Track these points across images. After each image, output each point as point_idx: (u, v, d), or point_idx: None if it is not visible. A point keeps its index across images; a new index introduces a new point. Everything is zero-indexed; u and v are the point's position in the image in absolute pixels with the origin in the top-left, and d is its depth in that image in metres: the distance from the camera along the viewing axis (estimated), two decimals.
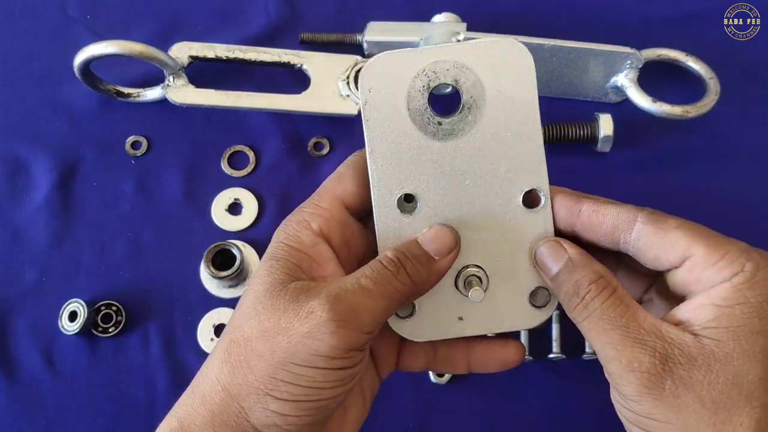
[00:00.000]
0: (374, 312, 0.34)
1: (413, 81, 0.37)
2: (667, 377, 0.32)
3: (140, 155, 0.62)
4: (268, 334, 0.33)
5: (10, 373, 0.55)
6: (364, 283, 0.34)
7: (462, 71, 0.37)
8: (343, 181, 0.38)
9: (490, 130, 0.37)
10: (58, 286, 0.57)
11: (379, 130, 0.37)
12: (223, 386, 0.34)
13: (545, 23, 0.66)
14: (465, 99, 0.37)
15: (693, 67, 0.62)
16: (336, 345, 0.32)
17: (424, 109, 0.37)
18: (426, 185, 0.38)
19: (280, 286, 0.35)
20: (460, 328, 0.39)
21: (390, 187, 0.38)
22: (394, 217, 0.38)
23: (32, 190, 0.61)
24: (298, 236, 0.37)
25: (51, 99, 0.64)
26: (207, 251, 0.55)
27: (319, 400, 0.33)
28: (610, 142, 0.60)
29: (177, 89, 0.62)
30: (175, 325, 0.57)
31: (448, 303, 0.39)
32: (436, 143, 0.37)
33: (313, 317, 0.33)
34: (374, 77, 0.37)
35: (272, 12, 0.68)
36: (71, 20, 0.68)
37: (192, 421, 0.34)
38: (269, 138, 0.63)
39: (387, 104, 0.37)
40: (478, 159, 0.37)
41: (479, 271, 0.38)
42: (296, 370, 0.33)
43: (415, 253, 0.36)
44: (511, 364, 0.41)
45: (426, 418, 0.54)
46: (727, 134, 0.63)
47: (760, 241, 0.59)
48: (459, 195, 0.38)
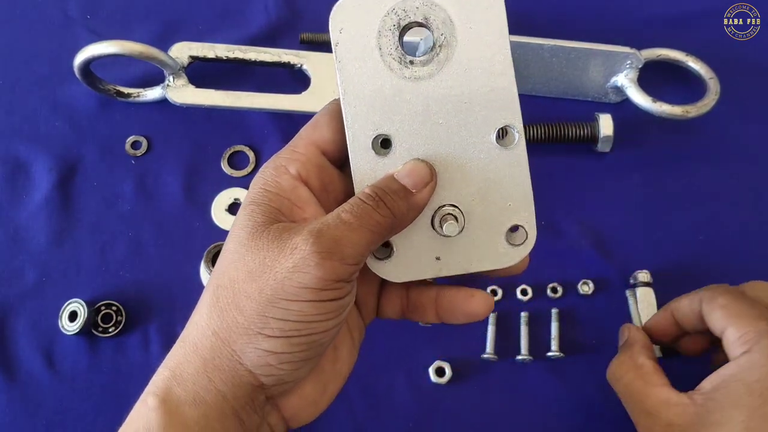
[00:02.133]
0: (357, 244, 0.34)
1: (383, 20, 0.37)
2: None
3: (140, 155, 0.62)
4: (254, 274, 0.33)
5: (10, 373, 0.55)
6: (345, 217, 0.34)
7: (431, 8, 0.37)
8: (319, 128, 0.38)
9: (462, 67, 0.37)
10: (58, 286, 0.57)
11: (351, 71, 0.37)
12: (213, 331, 0.33)
13: (545, 23, 0.66)
14: (435, 36, 0.37)
15: (693, 67, 0.62)
16: (322, 276, 0.32)
17: (395, 49, 0.37)
18: (400, 126, 0.37)
19: (262, 227, 0.35)
20: (437, 267, 0.38)
21: (364, 129, 0.37)
22: (369, 158, 0.37)
23: (32, 190, 0.61)
24: (276, 181, 0.36)
25: (51, 99, 0.64)
26: (207, 251, 0.55)
27: (310, 335, 0.33)
28: (610, 142, 0.60)
29: (177, 89, 0.62)
30: (175, 325, 0.57)
31: (426, 243, 0.38)
32: (409, 83, 0.37)
33: (298, 252, 0.33)
34: (344, 17, 0.37)
35: (272, 12, 0.69)
36: (71, 20, 0.68)
37: (184, 369, 0.34)
38: (269, 138, 0.63)
39: (358, 45, 0.37)
40: (450, 97, 0.37)
41: (455, 210, 0.38)
42: (285, 305, 0.33)
43: (392, 188, 0.36)
44: (475, 315, 0.40)
45: (426, 418, 0.54)
46: (727, 134, 0.63)
47: (759, 241, 0.59)
48: (433, 134, 0.37)
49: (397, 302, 0.42)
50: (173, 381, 0.34)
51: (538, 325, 0.56)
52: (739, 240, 0.60)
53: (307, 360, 0.34)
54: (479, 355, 0.55)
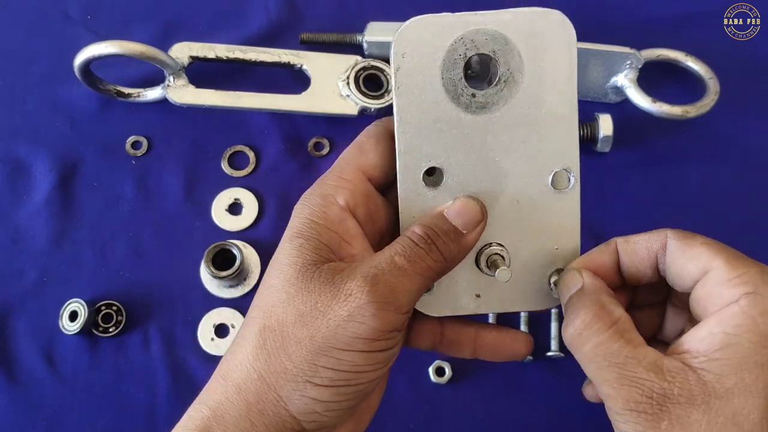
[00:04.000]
0: (411, 291, 0.33)
1: (450, 49, 0.35)
2: (665, 417, 0.30)
3: (140, 155, 0.62)
4: (306, 319, 0.32)
5: (10, 373, 0.55)
6: (399, 262, 0.33)
7: (501, 42, 0.35)
8: (364, 152, 0.37)
9: (524, 105, 0.36)
10: (59, 286, 0.57)
11: (409, 98, 0.36)
12: (259, 374, 0.32)
13: None
14: (502, 71, 0.35)
15: (693, 67, 0.62)
16: (378, 327, 0.31)
17: (459, 79, 0.36)
18: (454, 159, 0.36)
19: (313, 267, 0.33)
20: (476, 305, 0.38)
21: (416, 159, 0.36)
22: (419, 190, 0.36)
23: (32, 191, 0.61)
24: (324, 212, 0.35)
25: (51, 99, 0.64)
26: (207, 251, 0.55)
27: (358, 384, 0.33)
28: (610, 142, 0.60)
29: (177, 89, 0.62)
30: (175, 325, 0.57)
31: (467, 280, 0.38)
32: (468, 116, 0.36)
33: (353, 299, 0.31)
34: (408, 42, 0.35)
35: (272, 12, 0.68)
36: (71, 20, 0.68)
37: (226, 411, 0.32)
38: (269, 138, 0.63)
39: (420, 72, 0.35)
40: (509, 135, 0.36)
41: (502, 250, 0.37)
42: (337, 354, 0.32)
43: (443, 228, 0.34)
44: (519, 356, 0.40)
45: (426, 418, 0.54)
46: (727, 134, 0.63)
47: (759, 241, 0.59)
48: (486, 171, 0.36)
49: (429, 335, 0.41)
50: (213, 421, 0.32)
51: (538, 325, 0.56)
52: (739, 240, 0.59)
53: (351, 408, 0.34)
54: None
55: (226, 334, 0.56)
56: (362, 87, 0.63)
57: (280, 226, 0.60)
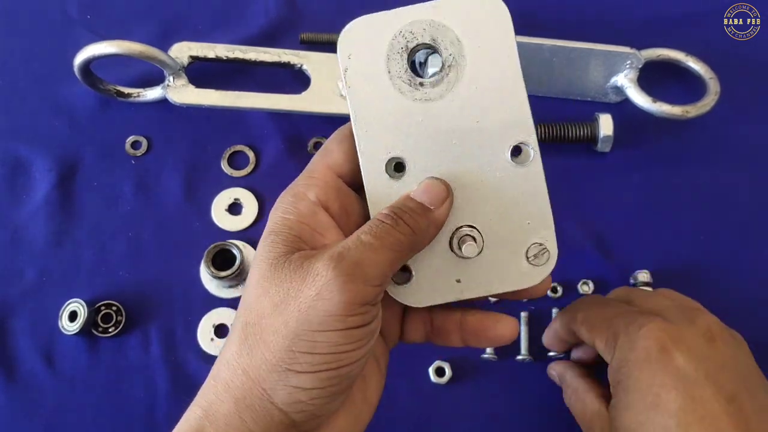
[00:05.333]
0: (379, 264, 0.33)
1: (391, 43, 0.37)
2: None
3: (140, 155, 0.62)
4: (280, 307, 0.32)
5: (10, 373, 0.55)
6: (365, 238, 0.33)
7: (439, 29, 0.37)
8: (330, 152, 0.38)
9: (472, 86, 0.37)
10: (58, 286, 0.57)
11: (361, 96, 0.37)
12: (243, 369, 0.33)
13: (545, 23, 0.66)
14: (444, 57, 0.37)
15: (693, 67, 0.62)
16: (346, 300, 0.32)
17: (404, 71, 0.37)
18: (413, 148, 0.37)
19: (284, 257, 0.34)
20: (458, 290, 0.38)
21: (377, 153, 0.37)
22: (384, 182, 0.37)
23: (32, 190, 0.61)
24: (296, 207, 0.36)
25: (51, 99, 0.64)
26: (207, 251, 0.55)
27: (339, 367, 0.33)
28: (610, 142, 0.60)
29: (177, 89, 0.62)
30: (175, 325, 0.57)
31: (445, 266, 0.38)
32: (420, 104, 0.37)
33: (319, 278, 0.32)
34: (352, 43, 0.37)
35: (272, 12, 0.68)
36: (71, 20, 0.68)
37: (217, 410, 0.33)
38: (269, 138, 0.63)
39: (367, 69, 0.37)
40: (462, 117, 0.37)
41: (473, 231, 0.37)
42: (312, 336, 0.32)
43: (410, 206, 0.35)
44: (502, 339, 0.40)
45: (426, 418, 0.54)
46: (727, 134, 0.63)
47: (759, 241, 0.59)
48: (447, 155, 0.37)
49: (420, 327, 0.41)
50: (206, 420, 0.33)
51: (538, 325, 0.56)
52: (739, 240, 0.59)
53: (338, 393, 0.34)
54: (479, 355, 0.55)
55: (225, 334, 0.56)
56: None
57: None
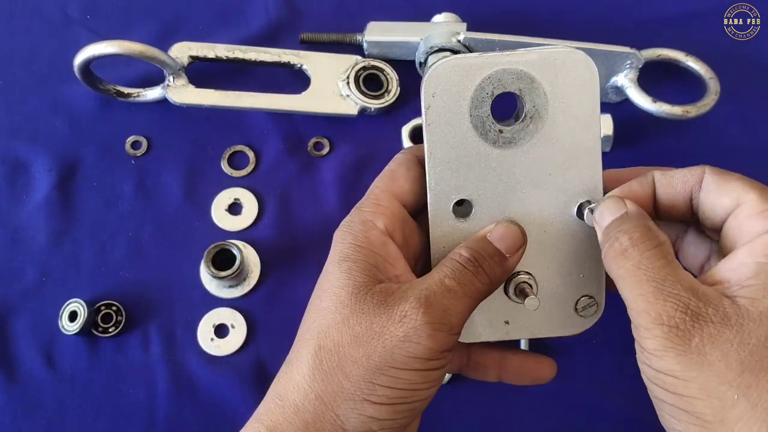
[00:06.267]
0: (461, 313, 0.34)
1: (478, 88, 0.37)
2: (696, 334, 0.30)
3: (140, 155, 0.62)
4: (361, 339, 0.33)
5: (10, 373, 0.55)
6: (449, 284, 0.34)
7: (526, 80, 0.37)
8: (396, 180, 0.38)
9: (550, 140, 0.38)
10: (58, 286, 0.57)
11: (439, 134, 0.37)
12: (317, 394, 0.33)
13: (545, 23, 0.66)
14: (528, 108, 0.37)
15: (693, 67, 0.62)
16: (433, 347, 0.33)
17: (486, 116, 0.37)
18: (482, 191, 0.38)
19: (365, 288, 0.34)
20: (505, 331, 0.40)
21: (447, 192, 0.38)
22: (449, 221, 0.38)
23: (32, 190, 0.61)
24: (366, 236, 0.36)
25: (51, 99, 0.64)
26: (207, 251, 0.55)
27: (413, 402, 0.34)
28: (610, 142, 0.60)
29: (177, 89, 0.62)
30: (175, 325, 0.57)
31: (497, 307, 0.39)
32: (496, 150, 0.38)
33: (408, 320, 0.33)
34: (438, 82, 0.37)
35: (272, 12, 0.68)
36: (71, 20, 0.68)
37: (283, 430, 0.33)
38: (269, 138, 0.63)
39: (449, 110, 0.37)
40: (535, 168, 0.38)
41: (530, 278, 0.38)
42: (394, 373, 0.33)
43: (489, 251, 0.36)
44: (543, 380, 0.42)
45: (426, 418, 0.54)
46: (727, 134, 0.63)
47: None
48: (514, 202, 0.38)
49: (457, 359, 0.42)
50: None
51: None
52: None
53: (404, 426, 0.35)
54: None
55: (225, 334, 0.56)
56: (362, 87, 0.63)
57: (280, 226, 0.60)
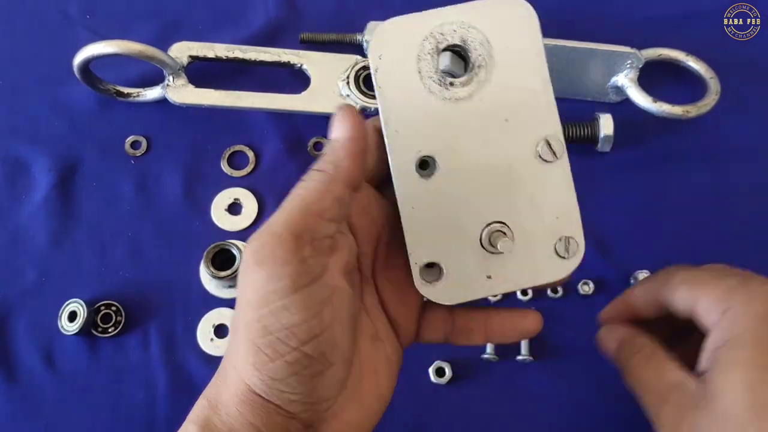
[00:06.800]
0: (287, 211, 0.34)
1: (422, 44, 0.37)
2: (684, 423, 0.36)
3: (140, 155, 0.62)
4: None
5: (10, 373, 0.55)
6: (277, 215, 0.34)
7: (468, 30, 0.37)
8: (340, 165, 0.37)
9: (500, 86, 0.38)
10: (58, 286, 0.57)
11: (391, 96, 0.37)
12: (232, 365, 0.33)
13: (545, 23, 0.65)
14: (474, 57, 0.37)
15: (693, 67, 0.62)
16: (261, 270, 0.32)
17: (435, 72, 0.37)
18: (442, 147, 0.38)
19: None
20: (489, 287, 0.38)
21: (407, 152, 0.37)
22: (414, 181, 0.38)
23: (32, 190, 0.61)
24: None
25: (51, 99, 0.64)
26: (207, 251, 0.55)
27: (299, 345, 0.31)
28: (610, 142, 0.60)
29: (177, 89, 0.62)
30: (175, 325, 0.57)
31: (476, 263, 0.38)
32: (449, 104, 0.37)
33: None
34: (383, 43, 0.38)
35: (272, 12, 0.68)
36: (71, 20, 0.68)
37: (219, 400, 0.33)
38: (269, 138, 0.63)
39: (397, 70, 0.37)
40: (491, 116, 0.38)
41: (503, 227, 0.38)
42: (262, 318, 0.32)
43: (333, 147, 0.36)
44: (530, 332, 0.41)
45: (426, 418, 0.54)
46: (727, 134, 0.63)
47: (759, 241, 0.59)
48: (475, 153, 0.38)
49: (440, 326, 0.41)
50: (210, 410, 0.33)
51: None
52: (739, 240, 0.59)
53: (318, 374, 0.33)
54: (479, 355, 0.55)
55: (225, 334, 0.56)
56: (362, 87, 0.63)
57: None
